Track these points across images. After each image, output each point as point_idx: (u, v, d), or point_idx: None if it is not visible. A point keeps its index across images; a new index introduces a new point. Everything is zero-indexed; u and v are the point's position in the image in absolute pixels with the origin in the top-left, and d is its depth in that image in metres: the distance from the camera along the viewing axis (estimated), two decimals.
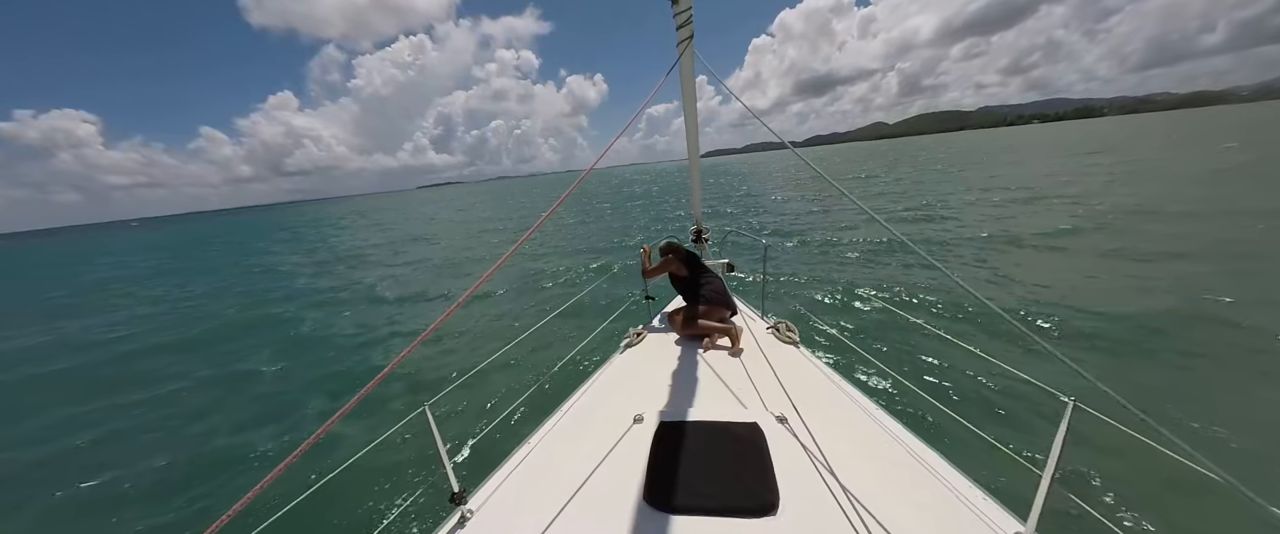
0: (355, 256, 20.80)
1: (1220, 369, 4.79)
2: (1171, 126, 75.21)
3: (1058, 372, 4.57)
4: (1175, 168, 21.60)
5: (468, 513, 1.80)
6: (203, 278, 19.20)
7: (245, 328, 10.44)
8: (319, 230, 41.85)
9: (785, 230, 15.46)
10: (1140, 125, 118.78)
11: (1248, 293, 6.36)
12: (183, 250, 35.96)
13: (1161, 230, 10.29)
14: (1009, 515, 1.58)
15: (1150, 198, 14.21)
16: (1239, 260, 7.80)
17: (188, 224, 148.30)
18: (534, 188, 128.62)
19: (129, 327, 11.68)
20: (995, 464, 3.43)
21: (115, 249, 37.77)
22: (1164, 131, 60.99)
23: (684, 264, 3.54)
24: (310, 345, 8.75)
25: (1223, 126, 59.28)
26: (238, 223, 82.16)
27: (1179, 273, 7.54)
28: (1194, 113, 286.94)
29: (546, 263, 14.12)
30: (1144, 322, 5.88)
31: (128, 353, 9.47)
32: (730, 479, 1.74)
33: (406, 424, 2.01)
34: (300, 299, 12.85)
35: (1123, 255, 8.78)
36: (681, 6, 2.57)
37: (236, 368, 7.76)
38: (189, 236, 57.24)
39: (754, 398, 2.40)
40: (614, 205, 32.40)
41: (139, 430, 5.77)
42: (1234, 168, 19.57)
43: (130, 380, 7.65)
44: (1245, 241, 8.76)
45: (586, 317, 8.11)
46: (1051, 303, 6.81)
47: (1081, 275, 7.85)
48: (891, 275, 9.00)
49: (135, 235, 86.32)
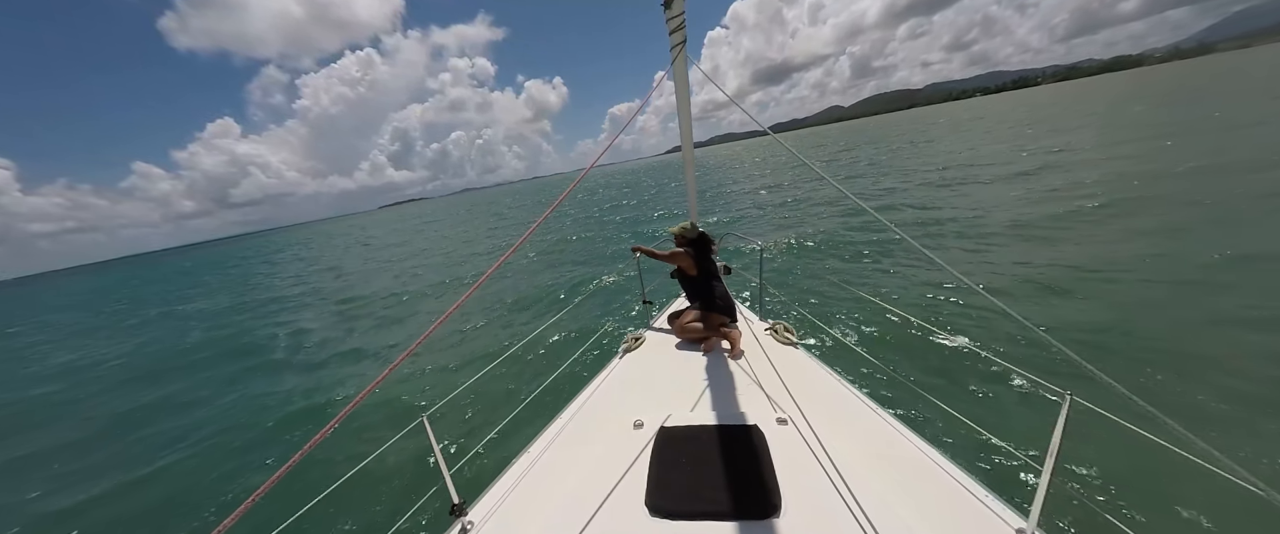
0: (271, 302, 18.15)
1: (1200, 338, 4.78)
2: (1087, 94, 77.73)
3: (1056, 365, 4.56)
4: (1102, 137, 22.01)
5: (468, 524, 1.79)
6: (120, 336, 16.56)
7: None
8: (245, 268, 37.89)
9: (769, 229, 15.30)
10: (1072, 90, 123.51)
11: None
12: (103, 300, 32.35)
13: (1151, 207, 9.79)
14: (1012, 512, 1.58)
15: (1119, 179, 13.24)
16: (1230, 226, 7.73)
17: (114, 270, 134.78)
18: (502, 197, 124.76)
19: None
20: (996, 461, 3.48)
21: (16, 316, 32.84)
22: (1080, 99, 62.36)
23: (695, 263, 3.37)
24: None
25: (1131, 91, 61.17)
26: (165, 267, 75.29)
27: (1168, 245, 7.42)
28: (1115, 76, 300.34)
29: (539, 272, 13.91)
30: (1139, 310, 5.72)
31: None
32: (732, 483, 1.74)
33: (405, 435, 1.97)
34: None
35: (1116, 245, 8.28)
36: (674, 11, 2.56)
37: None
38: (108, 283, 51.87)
39: (754, 401, 2.40)
40: (583, 217, 28.02)
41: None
42: (1153, 132, 20.26)
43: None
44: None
45: (584, 322, 8.05)
46: (1045, 293, 6.70)
47: (1073, 263, 7.61)
48: (885, 270, 8.95)
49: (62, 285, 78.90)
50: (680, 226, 3.50)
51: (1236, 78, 51.02)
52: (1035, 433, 3.83)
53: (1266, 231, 7.39)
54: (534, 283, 12.28)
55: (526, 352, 7.00)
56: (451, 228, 40.45)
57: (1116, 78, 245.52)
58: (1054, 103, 70.65)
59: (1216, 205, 9.16)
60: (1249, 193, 9.48)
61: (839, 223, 13.92)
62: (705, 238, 3.48)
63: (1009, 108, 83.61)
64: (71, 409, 9.21)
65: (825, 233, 12.92)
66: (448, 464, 1.84)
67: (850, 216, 14.30)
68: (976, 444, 3.59)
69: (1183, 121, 22.36)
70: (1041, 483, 1.43)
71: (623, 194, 42.52)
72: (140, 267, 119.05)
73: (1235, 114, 21.44)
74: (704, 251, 3.44)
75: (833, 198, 17.93)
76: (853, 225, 13.16)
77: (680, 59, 2.79)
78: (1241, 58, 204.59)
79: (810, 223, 14.76)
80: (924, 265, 8.44)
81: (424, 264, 20.79)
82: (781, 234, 13.67)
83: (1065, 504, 1.58)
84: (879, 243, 10.83)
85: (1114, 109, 37.41)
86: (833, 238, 12.20)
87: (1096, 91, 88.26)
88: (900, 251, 9.76)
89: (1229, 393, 4.01)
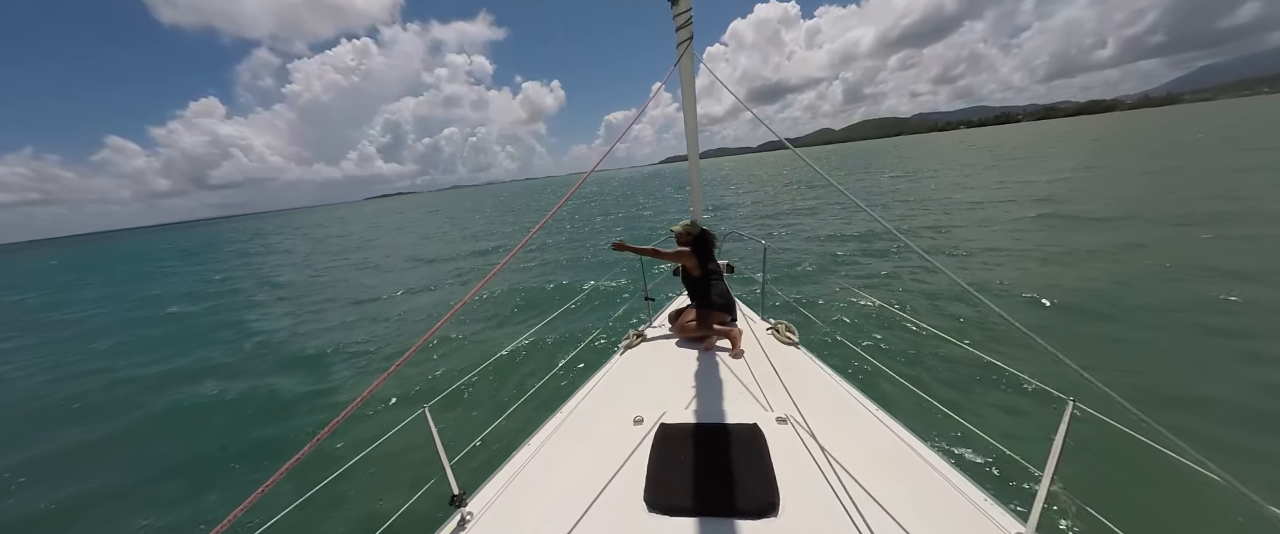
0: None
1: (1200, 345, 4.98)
2: (1059, 136, 79.86)
3: (1057, 371, 4.56)
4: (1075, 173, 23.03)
5: (468, 515, 1.79)
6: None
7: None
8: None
9: (774, 234, 15.48)
10: (1048, 129, 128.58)
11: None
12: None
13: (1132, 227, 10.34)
14: (1010, 516, 1.59)
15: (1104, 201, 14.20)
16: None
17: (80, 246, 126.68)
18: (491, 196, 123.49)
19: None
20: (996, 464, 3.52)
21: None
22: (1047, 142, 63.27)
23: (698, 262, 3.35)
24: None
25: (1095, 133, 64.44)
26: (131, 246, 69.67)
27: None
28: (1089, 119, 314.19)
29: (545, 268, 13.87)
30: (1140, 314, 5.96)
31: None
32: (731, 481, 1.74)
33: (406, 426, 1.95)
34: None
35: (1102, 256, 8.71)
36: (681, 8, 2.54)
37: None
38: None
39: (754, 399, 2.41)
40: (584, 218, 27.18)
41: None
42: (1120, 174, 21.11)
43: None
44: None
45: (586, 319, 8.06)
46: (1047, 301, 6.81)
47: (1077, 274, 7.86)
48: (889, 275, 9.09)
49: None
50: (682, 225, 3.49)
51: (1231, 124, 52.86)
52: (1035, 438, 3.83)
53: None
54: (537, 280, 12.27)
55: (528, 347, 7.02)
56: (435, 227, 37.55)
57: (1094, 119, 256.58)
58: (1035, 139, 73.33)
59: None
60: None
61: (845, 229, 14.19)
62: (707, 236, 3.47)
63: (998, 140, 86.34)
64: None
65: (831, 238, 13.16)
66: (448, 455, 1.83)
67: (857, 225, 14.58)
68: (977, 447, 3.66)
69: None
70: (1041, 487, 1.44)
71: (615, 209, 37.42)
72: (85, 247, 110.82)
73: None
74: (706, 250, 3.45)
75: (835, 210, 18.29)
76: (860, 233, 13.41)
77: (687, 56, 2.77)
78: (1208, 108, 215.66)
79: (812, 231, 15.00)
80: (928, 273, 8.58)
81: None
82: (783, 237, 13.91)
83: (1064, 510, 1.61)
84: (884, 250, 11.06)
85: (1103, 144, 38.65)
86: (838, 244, 12.43)
87: (1083, 130, 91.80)
88: (906, 259, 9.94)
89: (1224, 404, 4.15)
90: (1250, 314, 5.83)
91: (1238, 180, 15.37)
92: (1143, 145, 34.27)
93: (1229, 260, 7.61)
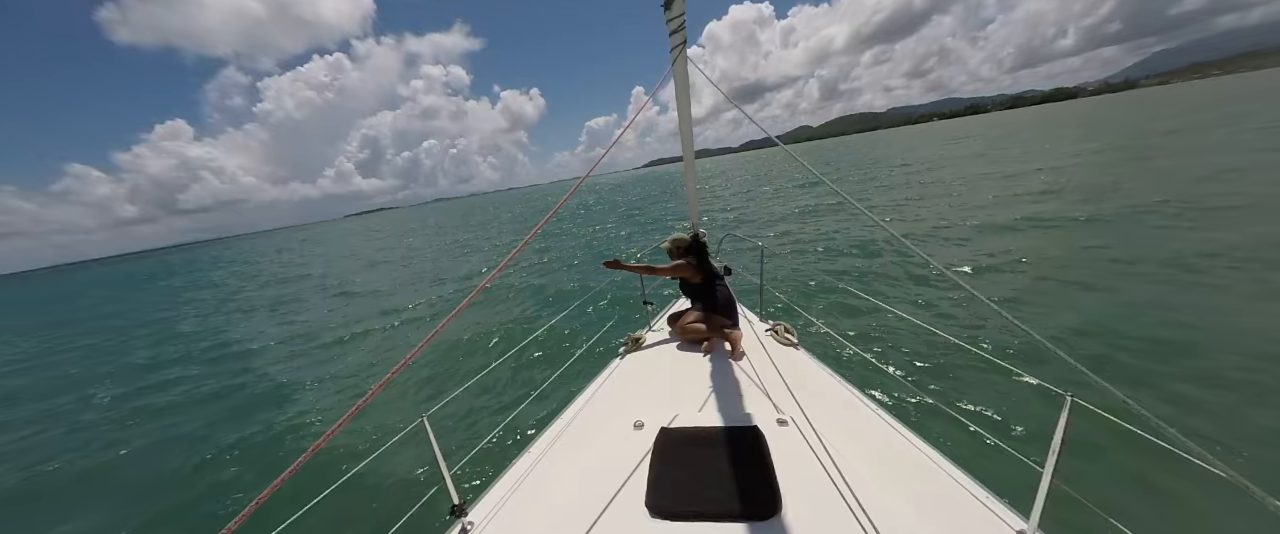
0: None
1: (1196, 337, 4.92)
2: (1022, 125, 79.93)
3: (1057, 368, 4.53)
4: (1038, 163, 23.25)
5: (468, 525, 1.78)
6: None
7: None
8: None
9: (770, 235, 15.32)
10: (1013, 118, 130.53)
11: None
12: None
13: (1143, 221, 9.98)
14: (1012, 513, 1.59)
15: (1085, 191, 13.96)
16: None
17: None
18: (474, 208, 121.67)
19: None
20: (997, 462, 3.55)
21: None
22: (1008, 133, 62.07)
23: (697, 269, 3.34)
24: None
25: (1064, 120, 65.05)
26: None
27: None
28: (1052, 107, 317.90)
29: (542, 273, 13.78)
30: (1136, 314, 5.87)
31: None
32: (731, 484, 1.74)
33: (405, 436, 1.93)
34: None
35: (1102, 253, 8.50)
36: (674, 13, 2.53)
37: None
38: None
39: (754, 401, 2.40)
40: (583, 219, 26.07)
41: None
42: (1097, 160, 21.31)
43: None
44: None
45: (585, 323, 8.01)
46: (1044, 299, 6.78)
47: (1073, 270, 7.77)
48: (887, 275, 9.02)
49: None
50: (671, 239, 3.48)
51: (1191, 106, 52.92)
52: (1036, 434, 3.83)
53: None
54: (534, 285, 12.21)
55: (527, 353, 7.02)
56: (424, 239, 36.77)
57: (1061, 107, 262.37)
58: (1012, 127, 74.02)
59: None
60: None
61: (840, 229, 14.17)
62: (700, 241, 3.47)
63: (981, 128, 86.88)
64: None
65: (826, 237, 13.09)
66: (448, 465, 1.80)
67: (851, 225, 14.54)
68: (977, 445, 3.67)
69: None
70: (1042, 483, 1.44)
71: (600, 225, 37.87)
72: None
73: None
74: (703, 255, 3.44)
75: (826, 208, 18.41)
76: (854, 233, 13.37)
77: (681, 60, 2.76)
78: (1164, 92, 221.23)
79: (808, 229, 14.98)
80: (925, 270, 8.59)
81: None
82: (781, 238, 13.87)
83: (1066, 505, 1.64)
84: (879, 249, 11.04)
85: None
86: (834, 243, 12.40)
87: (1060, 116, 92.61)
88: (901, 257, 9.92)
89: (1219, 393, 4.14)
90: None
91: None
92: (1101, 134, 34.65)
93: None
